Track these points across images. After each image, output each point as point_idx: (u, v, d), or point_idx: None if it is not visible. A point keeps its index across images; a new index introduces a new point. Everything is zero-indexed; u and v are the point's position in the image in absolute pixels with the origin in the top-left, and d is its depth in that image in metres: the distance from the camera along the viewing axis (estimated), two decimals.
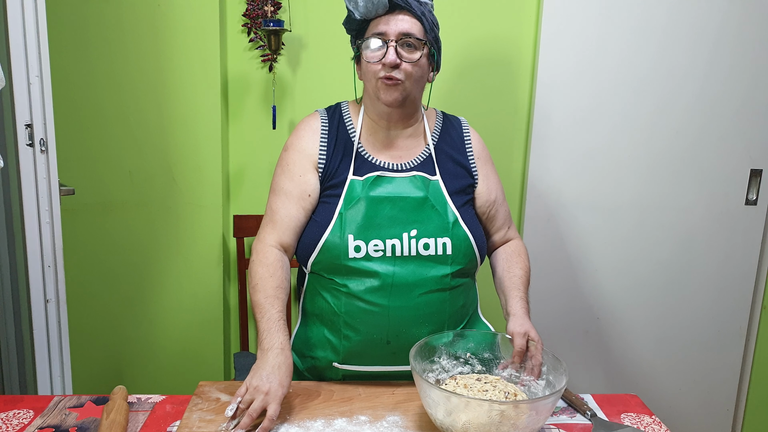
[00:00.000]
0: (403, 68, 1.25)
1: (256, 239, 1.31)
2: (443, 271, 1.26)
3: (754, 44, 1.98)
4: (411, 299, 1.24)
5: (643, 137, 2.04)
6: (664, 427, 1.17)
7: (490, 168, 1.42)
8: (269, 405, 1.07)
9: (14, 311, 1.77)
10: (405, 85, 1.26)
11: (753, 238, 2.11)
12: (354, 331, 1.25)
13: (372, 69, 1.27)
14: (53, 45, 1.53)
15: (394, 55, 1.23)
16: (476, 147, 1.41)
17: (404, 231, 1.25)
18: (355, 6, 1.26)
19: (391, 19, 1.25)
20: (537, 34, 2.02)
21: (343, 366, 1.27)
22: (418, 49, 1.25)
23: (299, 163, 1.31)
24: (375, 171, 1.29)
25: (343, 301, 1.25)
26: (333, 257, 1.24)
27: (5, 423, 1.10)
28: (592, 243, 2.11)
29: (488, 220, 1.41)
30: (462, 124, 1.44)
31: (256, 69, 2.02)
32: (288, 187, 1.30)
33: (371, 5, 1.24)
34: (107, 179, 1.98)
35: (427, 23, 1.26)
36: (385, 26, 1.25)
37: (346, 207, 1.25)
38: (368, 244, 1.23)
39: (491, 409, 0.96)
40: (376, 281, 1.23)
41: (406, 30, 1.24)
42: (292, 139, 1.35)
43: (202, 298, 2.07)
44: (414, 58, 1.25)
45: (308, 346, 1.32)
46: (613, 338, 2.18)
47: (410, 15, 1.25)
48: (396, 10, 1.25)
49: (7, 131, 1.65)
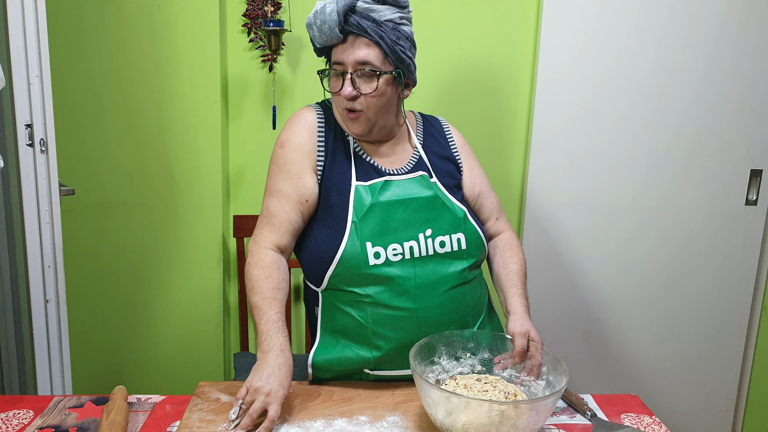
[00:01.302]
0: (363, 99, 1.23)
1: (252, 241, 1.29)
2: (461, 266, 1.27)
3: (754, 44, 1.98)
4: (435, 298, 1.24)
5: (643, 137, 2.04)
6: (664, 427, 1.17)
7: (473, 160, 1.43)
8: (270, 406, 1.07)
9: (14, 311, 1.77)
10: (368, 115, 1.25)
11: (753, 238, 2.11)
12: (384, 340, 1.22)
13: (335, 99, 1.26)
14: (53, 45, 1.54)
15: (350, 87, 1.21)
16: (458, 141, 1.42)
17: (419, 232, 1.24)
18: (313, 35, 1.24)
19: (347, 47, 1.21)
20: (537, 34, 2.02)
21: (375, 372, 1.26)
22: (375, 79, 1.22)
23: (297, 162, 1.27)
24: (379, 176, 1.28)
25: (369, 312, 1.22)
26: (353, 267, 1.22)
27: (5, 423, 1.10)
28: (591, 243, 2.11)
29: (475, 211, 1.41)
30: (441, 122, 1.44)
31: (256, 69, 2.02)
32: (286, 189, 1.27)
33: (324, 36, 1.21)
34: (107, 179, 1.98)
35: (386, 47, 1.20)
36: (341, 55, 1.22)
37: (358, 215, 1.23)
38: (387, 249, 1.22)
39: (491, 409, 0.96)
40: (399, 286, 1.22)
41: (362, 59, 1.20)
42: (287, 134, 1.30)
43: (202, 298, 2.07)
44: (371, 89, 1.22)
45: (335, 364, 1.26)
46: (613, 338, 2.18)
47: (367, 41, 1.20)
48: (351, 37, 1.21)
49: (7, 131, 1.65)
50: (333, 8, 1.18)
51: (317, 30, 1.21)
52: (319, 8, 1.20)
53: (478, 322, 1.32)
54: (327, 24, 1.19)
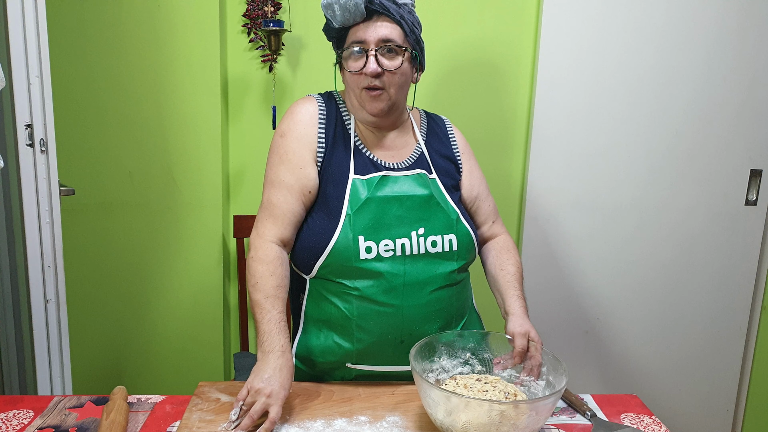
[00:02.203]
0: (386, 76, 1.23)
1: (254, 233, 1.26)
2: (450, 267, 1.27)
3: (753, 44, 1.98)
4: (422, 297, 1.24)
5: (642, 138, 2.04)
6: (664, 427, 1.16)
7: (473, 163, 1.43)
8: (271, 407, 1.07)
9: (14, 311, 1.77)
10: (389, 93, 1.25)
11: (753, 238, 2.11)
12: (367, 334, 1.23)
13: (354, 79, 1.25)
14: (53, 45, 1.54)
15: (374, 63, 1.21)
16: (460, 142, 1.42)
17: (412, 230, 1.24)
18: (332, 15, 1.22)
19: (369, 25, 1.22)
20: (537, 34, 2.02)
21: (357, 366, 1.26)
22: (399, 55, 1.23)
23: (299, 153, 1.26)
24: (377, 170, 1.27)
25: (355, 305, 1.23)
26: (343, 260, 1.22)
27: (5, 423, 1.10)
28: (591, 243, 2.11)
29: (472, 213, 1.41)
30: (444, 121, 1.45)
31: (256, 69, 2.02)
32: (289, 179, 1.26)
33: (348, 14, 1.21)
34: (107, 179, 1.98)
35: (407, 26, 1.23)
36: (363, 33, 1.22)
37: (353, 208, 1.23)
38: (379, 244, 1.22)
39: (491, 409, 0.96)
40: (387, 282, 1.22)
41: (385, 36, 1.21)
42: (288, 124, 1.29)
43: (202, 298, 2.07)
44: (396, 65, 1.23)
45: (316, 353, 1.28)
46: (613, 338, 2.18)
47: (389, 20, 1.22)
48: (374, 16, 1.22)
49: (7, 131, 1.65)
50: None
51: (340, 9, 1.20)
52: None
53: (461, 324, 1.32)
54: (354, 2, 1.19)
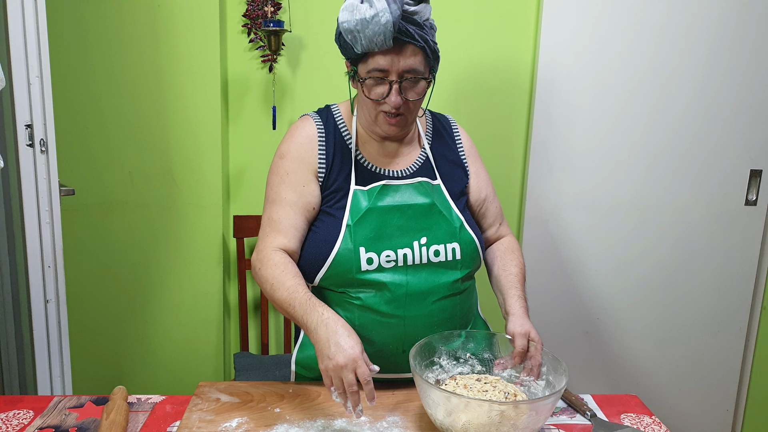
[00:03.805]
0: (406, 104, 1.21)
1: (257, 250, 1.24)
2: (454, 276, 1.25)
3: (753, 44, 1.98)
4: (425, 307, 1.23)
5: (642, 138, 2.04)
6: (664, 427, 1.17)
7: (479, 164, 1.41)
8: (357, 370, 1.04)
9: (14, 311, 1.77)
10: (407, 119, 1.25)
11: (753, 238, 2.11)
12: (369, 343, 1.21)
13: (374, 104, 1.22)
14: (53, 45, 1.53)
15: (397, 97, 1.18)
16: (465, 144, 1.40)
17: (414, 239, 1.23)
18: (354, 40, 1.16)
19: (393, 55, 1.16)
20: (537, 34, 2.02)
21: None
22: (418, 84, 1.20)
23: (300, 172, 1.25)
24: (378, 180, 1.26)
25: (356, 315, 1.22)
26: (344, 271, 1.21)
27: (5, 423, 1.10)
28: (591, 243, 2.11)
29: (479, 216, 1.40)
30: (450, 121, 1.43)
31: (256, 69, 2.02)
32: (291, 197, 1.24)
33: (374, 45, 1.15)
34: (107, 179, 1.98)
35: (429, 50, 1.18)
36: (388, 64, 1.17)
37: (354, 219, 1.22)
38: (380, 255, 1.20)
39: (491, 409, 0.96)
40: (390, 293, 1.21)
41: (409, 67, 1.17)
42: (287, 146, 1.28)
43: (202, 298, 2.07)
44: (418, 94, 1.21)
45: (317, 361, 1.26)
46: (613, 338, 2.18)
47: (414, 47, 1.17)
48: (399, 43, 1.16)
49: (7, 131, 1.65)
50: (389, 19, 1.11)
51: (366, 39, 1.14)
52: (369, 17, 1.12)
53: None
54: (382, 35, 1.13)
